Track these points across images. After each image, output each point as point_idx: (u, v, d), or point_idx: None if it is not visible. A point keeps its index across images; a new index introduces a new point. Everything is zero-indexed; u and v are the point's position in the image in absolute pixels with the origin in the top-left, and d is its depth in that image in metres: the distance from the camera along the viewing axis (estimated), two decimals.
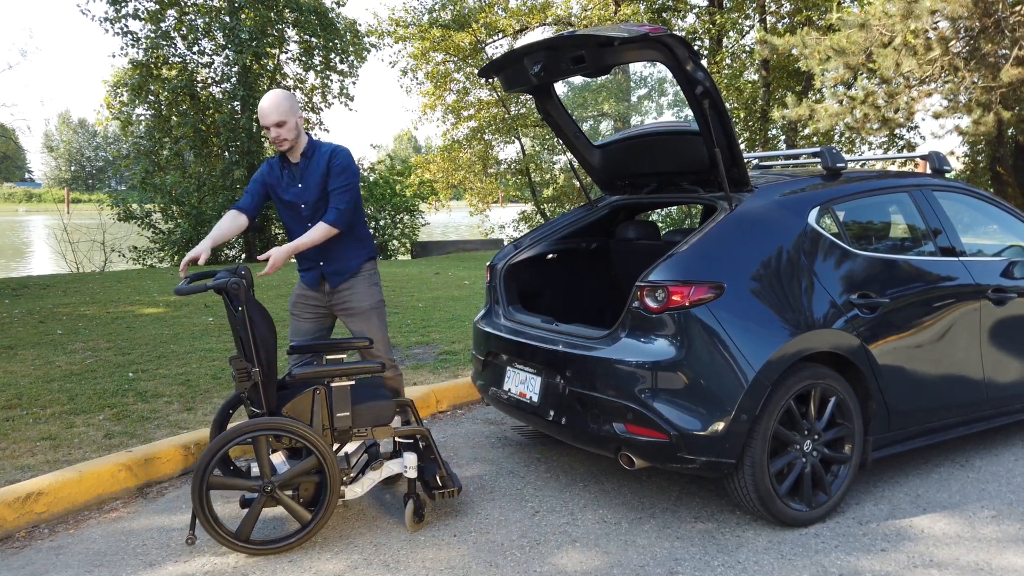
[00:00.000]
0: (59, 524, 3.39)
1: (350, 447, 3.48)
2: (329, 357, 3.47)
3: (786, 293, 3.28)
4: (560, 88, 25.92)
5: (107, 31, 17.84)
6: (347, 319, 3.76)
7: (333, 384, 3.22)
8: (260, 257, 3.41)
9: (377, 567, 2.99)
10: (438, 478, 3.39)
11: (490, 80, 4.03)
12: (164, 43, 18.12)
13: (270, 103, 3.50)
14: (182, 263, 3.26)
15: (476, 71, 20.80)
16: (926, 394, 3.67)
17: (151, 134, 18.81)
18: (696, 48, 20.70)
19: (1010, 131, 13.37)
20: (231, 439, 3.06)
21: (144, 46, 17.94)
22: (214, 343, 6.52)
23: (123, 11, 17.66)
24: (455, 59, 20.48)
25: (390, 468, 3.34)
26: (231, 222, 3.57)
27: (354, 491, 3.25)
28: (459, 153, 21.17)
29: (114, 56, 32.49)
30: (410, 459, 3.29)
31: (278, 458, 3.24)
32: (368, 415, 3.27)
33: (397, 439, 3.50)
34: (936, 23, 10.13)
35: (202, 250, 3.31)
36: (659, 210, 17.14)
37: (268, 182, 3.68)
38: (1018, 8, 9.61)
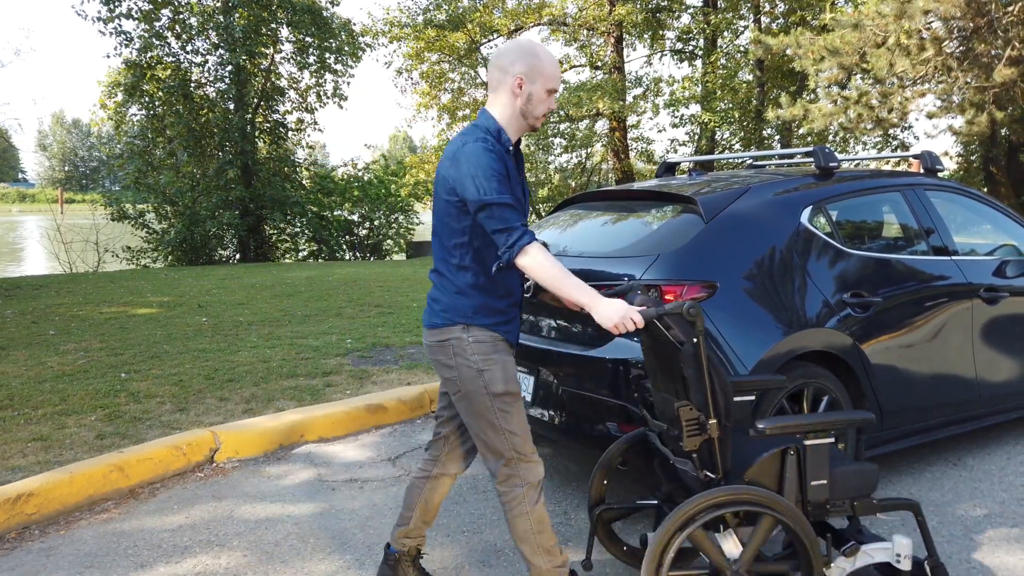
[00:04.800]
0: (50, 525, 3.37)
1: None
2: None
3: (779, 292, 3.29)
4: None
5: (102, 33, 17.72)
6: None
7: (808, 442, 2.48)
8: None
9: (370, 567, 2.98)
10: (927, 566, 2.59)
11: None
12: (158, 43, 18.06)
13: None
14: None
15: (471, 71, 20.80)
16: (918, 393, 3.68)
17: (145, 134, 18.76)
18: (691, 49, 20.74)
19: (1003, 131, 13.43)
20: (691, 520, 2.30)
21: (138, 46, 17.88)
22: (207, 344, 6.50)
23: (117, 10, 17.59)
24: (450, 59, 20.47)
25: (870, 555, 2.56)
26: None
27: None
28: None
29: (109, 56, 32.26)
30: (903, 545, 2.53)
31: (730, 545, 2.43)
32: (849, 483, 2.53)
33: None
34: (929, 23, 10.16)
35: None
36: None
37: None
38: (1011, 8, 9.64)
